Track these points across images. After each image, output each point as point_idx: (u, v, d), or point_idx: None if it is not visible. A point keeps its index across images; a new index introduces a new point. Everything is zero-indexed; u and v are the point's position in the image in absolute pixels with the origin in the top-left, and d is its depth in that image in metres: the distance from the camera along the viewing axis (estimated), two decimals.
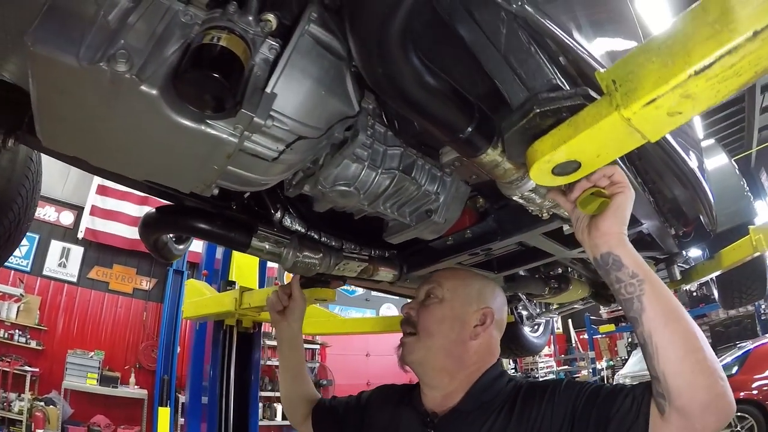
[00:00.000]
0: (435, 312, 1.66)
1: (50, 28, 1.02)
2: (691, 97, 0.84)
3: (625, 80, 0.89)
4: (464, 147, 1.18)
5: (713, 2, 0.78)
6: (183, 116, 1.11)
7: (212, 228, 1.83)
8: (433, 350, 1.62)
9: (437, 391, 1.64)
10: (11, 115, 1.68)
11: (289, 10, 1.23)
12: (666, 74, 0.83)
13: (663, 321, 1.15)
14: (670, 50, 0.83)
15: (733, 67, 0.78)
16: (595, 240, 1.25)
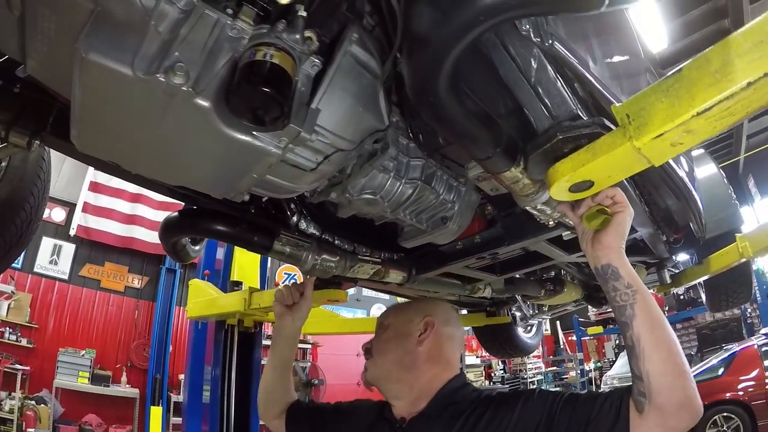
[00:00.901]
0: (382, 336, 1.89)
1: (103, 36, 1.05)
2: (692, 132, 1.00)
3: (638, 115, 1.04)
4: (491, 165, 1.30)
5: (715, 55, 0.92)
6: (231, 128, 1.18)
7: (235, 231, 1.91)
8: (387, 365, 1.82)
9: (402, 400, 1.79)
10: (36, 117, 1.72)
11: (329, 29, 1.31)
12: (673, 113, 0.98)
13: (650, 327, 1.28)
14: (677, 93, 0.97)
15: (728, 109, 0.93)
16: (597, 252, 1.39)
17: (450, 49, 0.96)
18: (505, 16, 0.93)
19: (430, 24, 0.96)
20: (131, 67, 1.06)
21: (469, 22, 0.91)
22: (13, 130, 1.69)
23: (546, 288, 3.16)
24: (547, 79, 1.25)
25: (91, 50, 1.03)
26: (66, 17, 1.09)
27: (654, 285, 3.76)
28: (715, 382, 10.17)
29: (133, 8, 1.04)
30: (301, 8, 1.20)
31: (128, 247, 11.89)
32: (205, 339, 4.85)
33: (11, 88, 1.69)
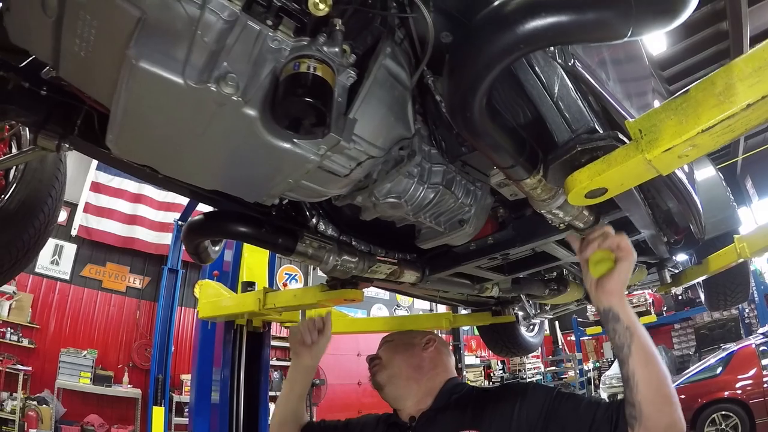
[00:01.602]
0: (390, 347, 2.05)
1: (152, 44, 1.10)
2: (697, 146, 1.13)
3: (649, 131, 1.16)
4: (514, 173, 1.39)
5: (719, 78, 1.05)
6: (274, 136, 1.26)
7: (261, 233, 1.98)
8: (398, 364, 1.97)
9: (409, 400, 1.92)
10: (63, 120, 1.74)
11: (362, 42, 1.40)
12: (681, 130, 1.10)
13: (644, 363, 1.39)
14: (685, 111, 1.11)
15: (730, 126, 1.06)
16: (600, 296, 1.50)
17: (489, 72, 1.05)
18: (541, 44, 1.03)
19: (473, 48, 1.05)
20: (182, 75, 1.12)
21: (508, 48, 1.00)
22: (42, 133, 1.71)
23: (550, 287, 3.24)
24: (568, 96, 1.36)
25: (142, 58, 1.09)
26: (110, 23, 1.13)
27: (654, 284, 3.85)
28: (714, 381, 10.26)
29: (178, 17, 1.10)
30: (339, 22, 1.27)
31: (129, 248, 11.87)
32: (213, 339, 4.89)
33: (38, 91, 1.71)
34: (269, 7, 1.23)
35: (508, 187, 1.66)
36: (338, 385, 11.80)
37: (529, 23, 0.96)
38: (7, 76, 1.65)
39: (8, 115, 1.74)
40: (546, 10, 0.96)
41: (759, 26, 9.75)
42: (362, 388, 13.52)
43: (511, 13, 0.99)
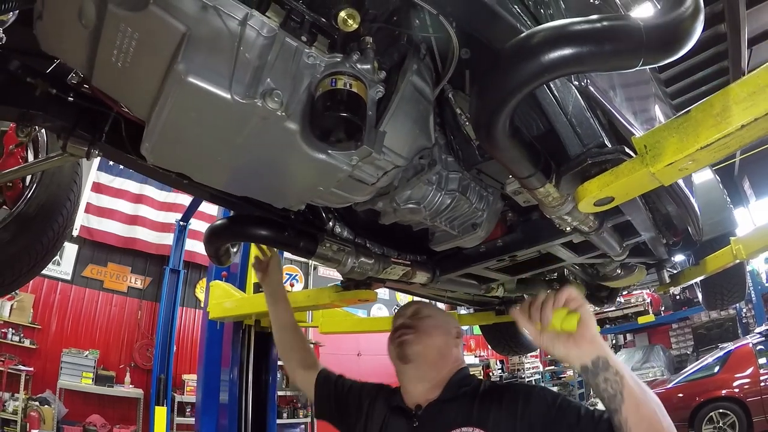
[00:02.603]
0: (430, 321, 1.97)
1: (199, 60, 1.16)
2: (696, 161, 1.28)
3: (654, 147, 1.32)
4: (529, 182, 1.51)
5: (717, 101, 1.21)
6: (311, 147, 1.33)
7: (284, 237, 2.06)
8: (430, 347, 1.90)
9: (424, 383, 1.90)
10: (91, 126, 1.77)
11: (389, 58, 1.49)
12: (681, 147, 1.25)
13: (636, 407, 1.34)
14: (685, 130, 1.26)
15: (725, 143, 1.21)
16: (584, 348, 1.41)
17: (514, 96, 1.16)
18: (562, 72, 1.14)
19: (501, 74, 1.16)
20: (229, 91, 1.19)
21: (533, 75, 1.11)
22: (71, 139, 1.74)
23: (553, 288, 3.34)
24: (581, 114, 1.50)
25: (191, 73, 1.15)
26: (153, 37, 1.17)
27: (654, 284, 3.95)
28: (711, 380, 10.39)
29: (221, 33, 1.17)
30: (370, 40, 1.36)
31: (131, 248, 11.88)
32: (221, 339, 4.93)
33: (65, 97, 1.74)
34: (302, 23, 1.29)
35: (522, 194, 1.78)
36: None
37: (553, 53, 1.08)
38: (35, 83, 1.68)
39: (35, 121, 1.78)
40: (568, 43, 1.08)
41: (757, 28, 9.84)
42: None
43: (538, 44, 1.10)
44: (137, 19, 1.14)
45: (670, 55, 1.11)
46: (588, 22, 1.10)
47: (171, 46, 1.16)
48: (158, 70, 1.22)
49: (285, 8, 1.28)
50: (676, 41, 1.10)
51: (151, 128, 1.33)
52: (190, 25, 1.14)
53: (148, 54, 1.21)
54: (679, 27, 1.11)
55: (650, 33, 1.07)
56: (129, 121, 1.73)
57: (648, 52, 1.08)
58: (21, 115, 1.73)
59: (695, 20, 1.13)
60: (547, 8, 1.51)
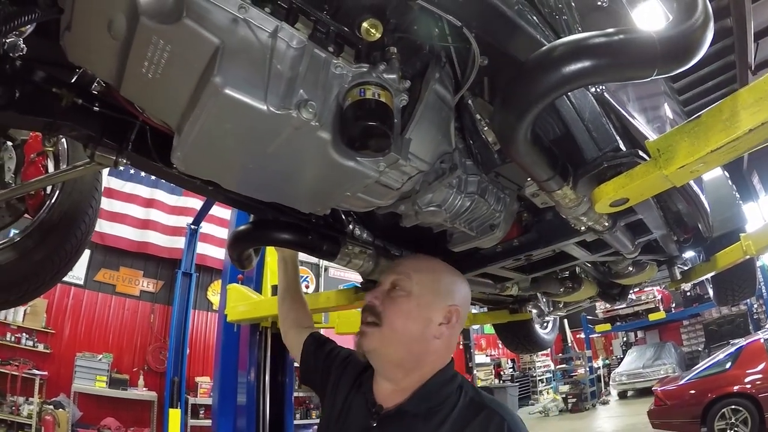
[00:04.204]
0: (401, 305, 1.64)
1: (235, 72, 1.18)
2: (706, 163, 1.36)
3: (666, 150, 1.39)
4: (547, 185, 1.58)
5: (726, 106, 1.28)
6: (341, 155, 1.38)
7: (307, 240, 2.11)
8: (394, 344, 1.61)
9: (389, 383, 1.65)
10: (117, 135, 1.78)
11: (412, 67, 1.55)
12: (693, 151, 1.33)
13: None
14: (696, 134, 1.34)
15: (734, 147, 1.28)
16: None
17: (536, 106, 1.24)
18: (581, 83, 1.23)
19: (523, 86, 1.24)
20: (265, 102, 1.21)
21: (554, 86, 1.20)
22: (99, 148, 1.75)
23: (566, 285, 3.37)
24: (597, 120, 1.58)
25: (228, 85, 1.17)
26: (186, 50, 1.19)
27: (665, 281, 3.99)
28: (723, 376, 10.40)
29: (253, 45, 1.21)
30: (395, 50, 1.41)
31: (142, 252, 12.04)
32: (237, 341, 4.99)
33: (91, 107, 1.75)
34: (328, 34, 1.34)
35: (539, 196, 1.84)
36: None
37: (573, 65, 1.16)
38: (61, 93, 1.68)
39: (62, 131, 1.78)
40: (587, 55, 1.16)
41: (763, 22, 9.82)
42: None
43: (559, 56, 1.18)
44: (170, 32, 1.16)
45: (682, 64, 1.19)
46: (605, 35, 1.18)
47: (204, 59, 1.19)
48: (191, 82, 1.25)
49: (311, 20, 1.33)
50: (688, 51, 1.18)
51: (183, 138, 1.35)
52: (223, 37, 1.17)
53: (180, 66, 1.23)
54: (691, 37, 1.18)
55: (663, 44, 1.15)
56: (154, 130, 1.76)
57: (662, 62, 1.16)
58: (47, 125, 1.73)
59: (705, 29, 1.21)
60: (561, 14, 1.58)
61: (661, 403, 10.95)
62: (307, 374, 2.10)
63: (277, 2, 1.28)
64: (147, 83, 1.30)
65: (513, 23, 1.34)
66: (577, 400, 16.77)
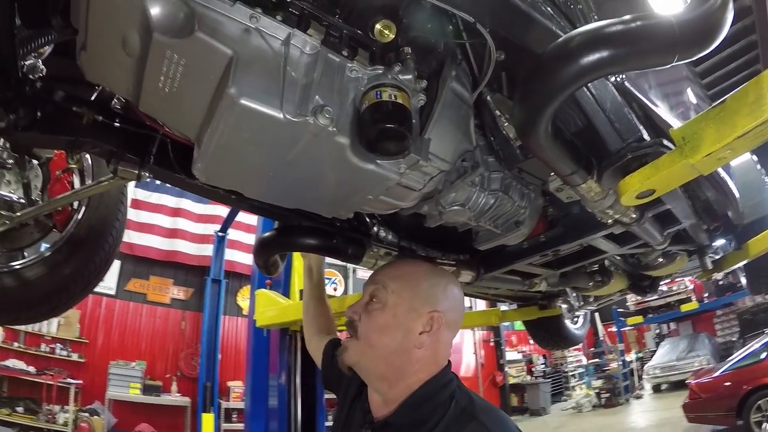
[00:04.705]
0: (377, 319, 1.57)
1: (249, 82, 1.19)
2: (733, 150, 1.30)
3: (691, 138, 1.34)
4: (571, 179, 1.56)
5: (752, 89, 1.23)
6: (361, 158, 1.37)
7: (332, 244, 2.10)
8: (373, 359, 1.56)
9: (378, 395, 1.60)
10: (139, 149, 1.81)
11: (427, 66, 1.54)
12: (719, 137, 1.28)
13: None
14: (722, 120, 1.28)
15: (761, 131, 1.24)
16: None
17: (555, 100, 1.22)
18: (600, 74, 1.20)
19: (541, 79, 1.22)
20: (281, 110, 1.22)
21: (572, 78, 1.17)
22: (122, 163, 1.78)
23: (595, 279, 3.32)
24: (619, 110, 1.54)
25: (243, 96, 1.17)
26: (201, 62, 1.21)
27: (696, 271, 3.91)
28: (758, 367, 10.18)
29: (267, 54, 1.22)
30: (409, 50, 1.40)
31: (172, 261, 12.21)
32: (267, 346, 5.04)
33: (111, 123, 1.78)
34: (341, 38, 1.35)
35: (564, 191, 1.82)
36: None
37: (591, 56, 1.13)
38: (81, 111, 1.72)
39: (84, 148, 1.83)
40: (605, 45, 1.13)
41: None
42: None
43: (575, 48, 1.16)
44: (183, 46, 1.17)
45: (703, 48, 1.15)
46: (622, 23, 1.15)
47: (219, 70, 1.20)
48: (207, 94, 1.26)
49: (323, 25, 1.34)
50: (709, 34, 1.14)
51: (203, 149, 1.36)
52: (236, 48, 1.18)
53: (195, 79, 1.25)
54: (711, 20, 1.14)
55: (683, 29, 1.11)
56: (175, 142, 1.78)
57: (682, 47, 1.13)
58: (70, 143, 1.78)
59: (725, 11, 1.16)
60: (576, 3, 1.55)
61: (696, 396, 10.75)
62: (326, 380, 2.10)
63: (289, 9, 1.29)
64: (164, 98, 1.32)
65: (527, 15, 1.32)
66: (611, 395, 16.55)
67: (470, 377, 16.41)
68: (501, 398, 17.10)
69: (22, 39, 1.50)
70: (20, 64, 1.58)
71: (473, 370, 16.66)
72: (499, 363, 17.62)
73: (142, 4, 1.14)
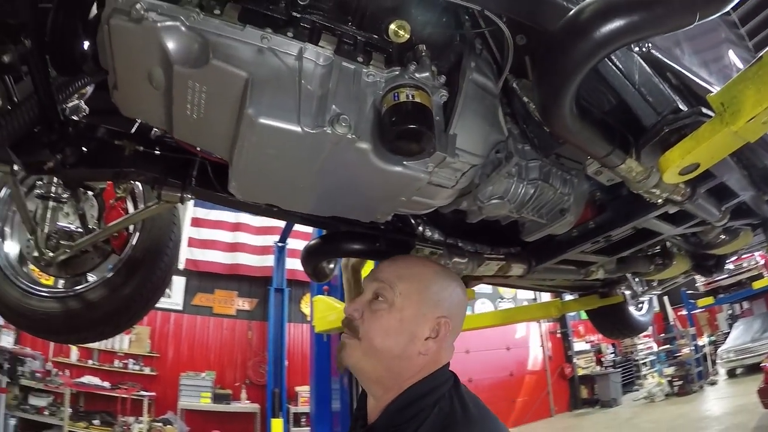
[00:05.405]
0: (382, 321, 1.46)
1: (266, 101, 1.23)
2: None
3: (731, 103, 1.21)
4: (608, 161, 1.49)
5: None
6: (386, 162, 1.36)
7: (376, 248, 2.09)
8: (373, 362, 1.46)
9: (373, 399, 1.51)
10: (180, 174, 1.89)
11: (446, 60, 1.51)
12: (760, 98, 1.16)
13: None
14: (761, 79, 1.16)
15: None
16: None
17: (573, 79, 1.16)
18: (617, 45, 1.12)
19: (555, 59, 1.16)
20: (299, 124, 1.25)
21: (588, 54, 1.11)
22: (164, 188, 1.87)
23: (655, 263, 3.22)
24: (649, 81, 1.44)
25: (261, 115, 1.22)
26: (220, 87, 1.27)
27: (763, 245, 3.73)
28: None
29: (281, 71, 1.25)
30: (423, 47, 1.39)
31: (235, 273, 12.51)
32: (329, 351, 5.11)
33: (152, 151, 1.90)
34: (356, 44, 1.36)
35: (603, 174, 1.75)
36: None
37: (604, 27, 1.06)
38: (123, 144, 1.84)
39: (129, 177, 1.95)
40: (618, 13, 1.05)
41: None
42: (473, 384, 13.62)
43: (586, 20, 1.09)
44: (202, 74, 1.24)
45: (726, 2, 1.04)
46: None
47: (237, 93, 1.25)
48: (231, 116, 1.31)
49: (336, 34, 1.36)
50: None
51: (234, 168, 1.43)
52: (251, 70, 1.23)
53: (218, 103, 1.31)
54: None
55: None
56: (214, 163, 1.84)
57: (702, 4, 1.03)
58: (116, 174, 1.90)
59: None
60: None
61: None
62: None
63: (300, 25, 1.31)
64: (194, 124, 1.40)
65: None
66: (684, 383, 15.89)
67: (538, 371, 16.12)
68: (570, 391, 16.74)
69: (58, 86, 1.61)
70: (61, 108, 1.68)
71: (541, 363, 16.36)
72: (567, 354, 17.24)
73: (159, 41, 1.21)
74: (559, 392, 16.20)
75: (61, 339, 3.53)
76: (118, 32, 1.22)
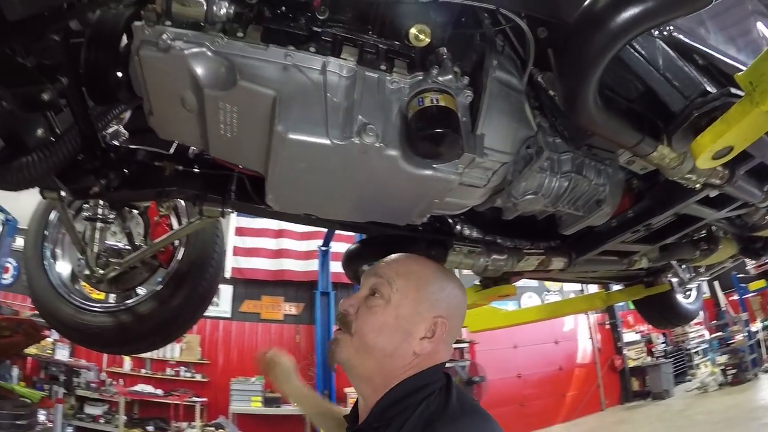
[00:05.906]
0: (377, 317, 1.43)
1: (294, 116, 1.28)
2: None
3: (760, 81, 1.18)
4: (639, 150, 1.47)
5: None
6: (415, 166, 1.39)
7: (412, 251, 2.06)
8: (364, 359, 1.43)
9: (361, 399, 1.50)
10: (219, 189, 1.96)
11: (468, 61, 1.53)
12: None
13: None
14: None
15: None
16: None
17: (593, 70, 1.16)
18: (635, 32, 1.12)
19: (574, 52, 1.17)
20: (327, 136, 1.30)
21: (605, 44, 1.11)
22: (205, 204, 1.95)
23: (700, 248, 3.14)
24: (674, 66, 1.43)
25: (290, 131, 1.28)
26: (249, 106, 1.33)
27: None
28: None
29: (306, 87, 1.30)
30: (444, 50, 1.41)
31: (280, 279, 12.64)
32: None
33: (191, 170, 1.98)
34: (377, 52, 1.39)
35: (636, 162, 1.74)
36: (497, 379, 11.80)
37: (620, 16, 1.06)
38: (163, 165, 1.93)
39: (171, 196, 2.04)
40: (632, 0, 1.05)
41: None
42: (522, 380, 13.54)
43: (601, 10, 1.09)
44: (231, 95, 1.30)
45: None
46: None
47: (266, 110, 1.30)
48: (262, 133, 1.36)
49: (357, 45, 1.39)
50: None
51: (270, 182, 1.50)
52: (277, 87, 1.28)
53: (249, 121, 1.37)
54: None
55: None
56: (251, 176, 1.89)
57: None
58: (158, 193, 2.00)
59: None
60: None
61: None
62: None
63: (321, 39, 1.35)
64: (228, 142, 1.48)
65: None
66: (737, 371, 15.40)
67: (588, 364, 15.82)
68: (621, 383, 16.38)
69: (97, 115, 1.72)
70: (101, 136, 1.79)
71: (590, 356, 16.06)
72: (616, 346, 16.87)
73: (187, 67, 1.27)
74: (609, 385, 15.86)
75: (113, 351, 3.84)
76: (148, 62, 1.28)
